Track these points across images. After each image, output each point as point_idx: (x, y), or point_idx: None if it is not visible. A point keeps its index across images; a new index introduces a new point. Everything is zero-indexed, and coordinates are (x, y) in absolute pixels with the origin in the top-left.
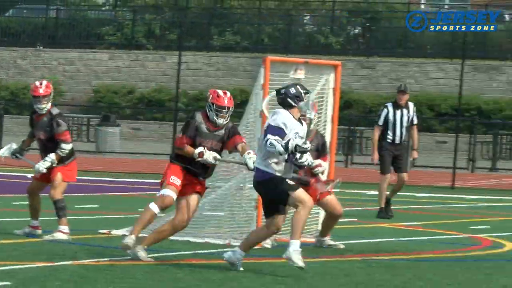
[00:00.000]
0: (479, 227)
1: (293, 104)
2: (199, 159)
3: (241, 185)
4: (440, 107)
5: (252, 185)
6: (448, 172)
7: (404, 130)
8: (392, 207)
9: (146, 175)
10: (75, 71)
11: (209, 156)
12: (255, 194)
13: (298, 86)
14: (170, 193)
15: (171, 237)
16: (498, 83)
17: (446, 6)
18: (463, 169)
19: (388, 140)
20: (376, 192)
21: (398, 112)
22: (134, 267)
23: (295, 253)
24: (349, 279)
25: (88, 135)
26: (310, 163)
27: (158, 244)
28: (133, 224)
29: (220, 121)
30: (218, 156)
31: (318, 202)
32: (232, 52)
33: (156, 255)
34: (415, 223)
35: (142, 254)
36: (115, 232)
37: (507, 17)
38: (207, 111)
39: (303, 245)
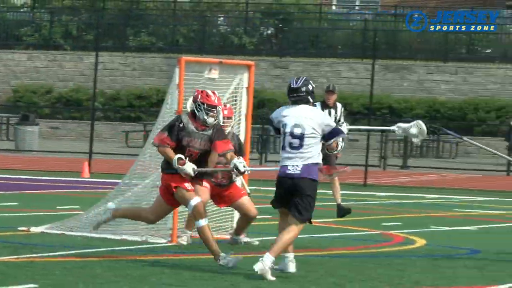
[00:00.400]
0: (390, 223)
1: (311, 100)
2: (178, 166)
3: (157, 183)
4: (352, 106)
5: None
6: (360, 170)
7: None
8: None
9: (64, 173)
10: None
11: (189, 167)
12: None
13: (310, 81)
14: (196, 200)
15: (90, 234)
16: (408, 82)
17: (356, 8)
18: (375, 167)
19: None
20: None
21: (326, 112)
22: (54, 263)
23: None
24: None
25: (8, 134)
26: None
27: (76, 241)
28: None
29: (211, 120)
30: (196, 168)
31: (232, 203)
32: (147, 53)
33: (74, 252)
34: (328, 219)
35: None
36: (34, 229)
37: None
38: (196, 111)
39: (218, 242)
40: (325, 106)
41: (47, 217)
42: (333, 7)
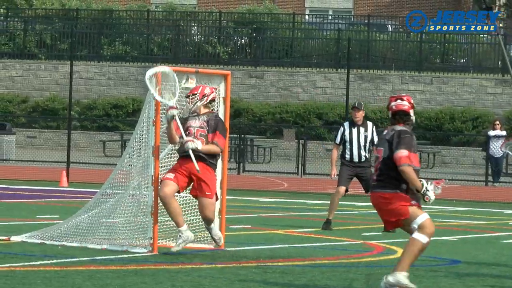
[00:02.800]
0: (371, 233)
1: None
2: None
3: (138, 192)
4: (328, 116)
5: (147, 192)
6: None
7: (362, 149)
8: (287, 214)
9: (42, 183)
10: None
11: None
12: (151, 201)
13: None
14: (425, 216)
15: (69, 244)
16: (383, 92)
17: (330, 17)
18: None
19: (346, 158)
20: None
21: (354, 131)
22: (35, 273)
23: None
24: (245, 284)
25: None
26: None
27: (56, 250)
28: None
29: None
30: None
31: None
32: (122, 62)
33: (54, 261)
34: (308, 229)
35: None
36: (14, 238)
37: (389, 27)
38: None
39: (199, 252)
40: (353, 124)
41: (26, 227)
42: (306, 17)
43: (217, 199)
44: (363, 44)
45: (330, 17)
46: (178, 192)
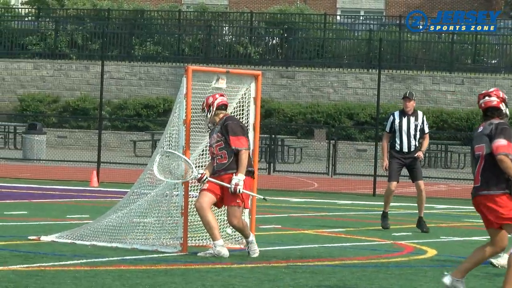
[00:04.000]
0: (401, 233)
1: None
2: None
3: (168, 192)
4: (359, 116)
5: (178, 193)
6: (369, 180)
7: (412, 138)
8: (317, 214)
9: (73, 182)
10: (0, 80)
11: None
12: (181, 201)
13: None
14: None
15: (99, 243)
16: (415, 92)
17: (361, 18)
18: (384, 177)
19: (396, 148)
20: None
21: (405, 120)
22: (64, 272)
23: None
24: (275, 284)
25: (15, 143)
26: None
27: (86, 250)
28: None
29: None
30: None
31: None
32: (153, 62)
33: (84, 261)
34: (338, 229)
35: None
36: (44, 238)
37: (421, 27)
38: None
39: (229, 251)
40: (403, 114)
41: (56, 226)
42: (338, 17)
43: (245, 207)
44: (395, 44)
45: (361, 18)
46: (216, 204)
